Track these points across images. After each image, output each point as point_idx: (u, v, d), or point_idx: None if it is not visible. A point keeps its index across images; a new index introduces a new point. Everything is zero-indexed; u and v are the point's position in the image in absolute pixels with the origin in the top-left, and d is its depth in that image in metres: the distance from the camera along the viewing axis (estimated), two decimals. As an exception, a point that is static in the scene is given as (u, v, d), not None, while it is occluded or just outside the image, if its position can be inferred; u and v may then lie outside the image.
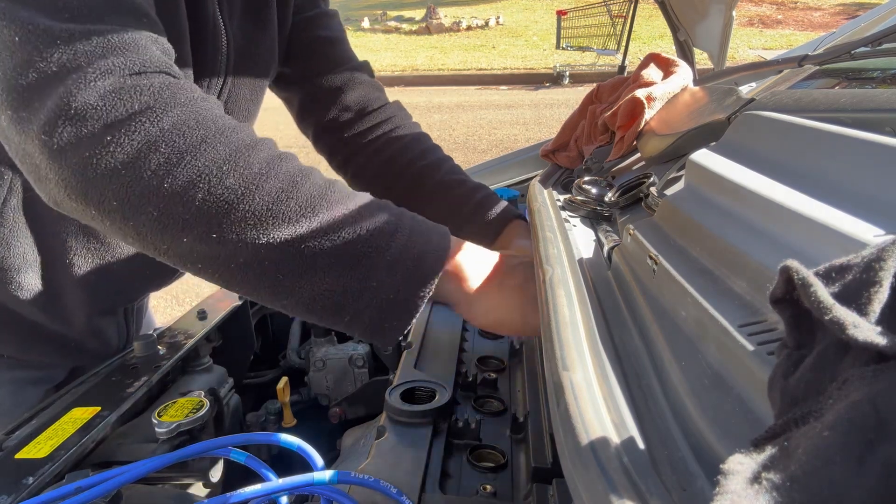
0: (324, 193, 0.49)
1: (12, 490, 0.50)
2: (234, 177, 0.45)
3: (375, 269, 0.49)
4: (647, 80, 0.90)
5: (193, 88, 0.48)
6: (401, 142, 0.89)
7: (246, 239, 0.46)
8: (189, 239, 0.45)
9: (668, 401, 0.34)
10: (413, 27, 12.31)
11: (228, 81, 0.74)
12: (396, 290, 0.50)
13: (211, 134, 0.45)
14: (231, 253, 0.46)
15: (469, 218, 0.81)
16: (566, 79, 8.05)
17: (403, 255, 0.50)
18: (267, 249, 0.46)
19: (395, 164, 0.87)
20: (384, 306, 0.50)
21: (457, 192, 0.84)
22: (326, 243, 0.48)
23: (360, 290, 0.49)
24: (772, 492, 0.17)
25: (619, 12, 7.06)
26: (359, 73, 0.91)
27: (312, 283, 0.48)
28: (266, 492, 0.47)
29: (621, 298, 0.48)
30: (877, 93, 0.59)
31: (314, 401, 0.90)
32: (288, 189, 0.47)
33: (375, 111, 0.90)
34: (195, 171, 0.44)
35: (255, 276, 0.48)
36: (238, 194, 0.45)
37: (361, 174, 0.91)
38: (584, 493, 0.28)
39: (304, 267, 0.48)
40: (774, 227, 0.36)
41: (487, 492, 0.52)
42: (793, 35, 9.52)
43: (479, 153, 4.98)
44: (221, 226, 0.45)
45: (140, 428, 0.61)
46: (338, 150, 0.92)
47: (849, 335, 0.18)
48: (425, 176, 0.86)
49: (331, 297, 0.49)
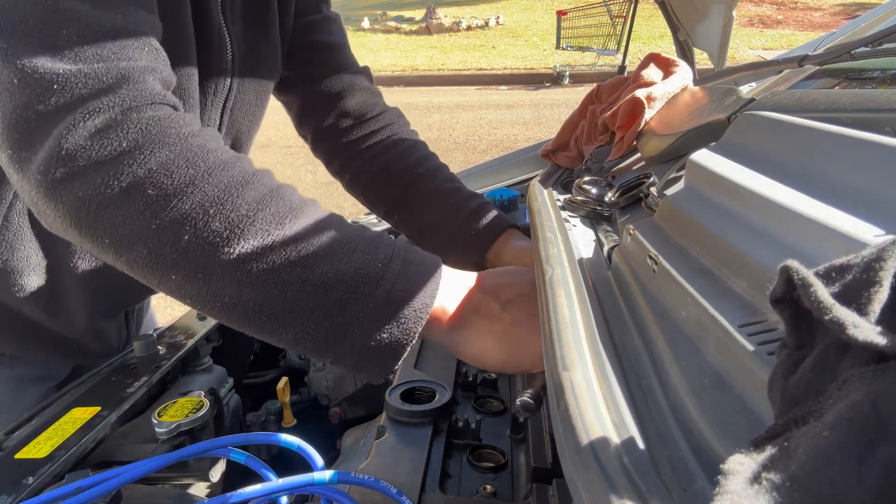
0: (312, 235, 0.48)
1: (12, 490, 0.50)
2: (219, 220, 0.45)
3: (357, 317, 0.48)
4: (647, 80, 0.90)
5: (187, 122, 0.48)
6: (397, 148, 0.89)
7: (230, 280, 0.46)
8: (177, 277, 0.46)
9: (668, 401, 0.34)
10: (413, 27, 12.32)
11: (234, 87, 0.74)
12: (379, 337, 0.49)
13: (200, 174, 0.45)
14: (217, 292, 0.47)
15: (464, 225, 0.81)
16: (566, 79, 8.06)
17: (388, 302, 0.49)
18: (251, 291, 0.46)
19: (391, 171, 0.87)
20: (366, 351, 0.49)
21: (452, 199, 0.84)
22: (309, 288, 0.47)
23: (342, 335, 0.48)
24: (772, 492, 0.17)
25: (619, 12, 7.06)
26: (359, 78, 0.91)
27: (295, 325, 0.48)
28: (266, 492, 0.47)
29: (621, 298, 0.48)
30: (877, 93, 0.59)
31: (314, 401, 0.90)
32: (274, 232, 0.46)
33: (374, 118, 0.90)
34: (181, 214, 0.44)
35: (240, 316, 0.48)
36: (223, 237, 0.45)
37: (358, 180, 0.91)
38: (584, 493, 0.28)
39: (286, 310, 0.47)
40: (774, 227, 0.36)
41: (487, 492, 0.53)
42: (793, 35, 9.52)
43: (479, 153, 4.98)
44: (206, 267, 0.45)
45: (140, 428, 0.61)
46: (335, 155, 0.92)
47: (849, 335, 0.18)
48: (421, 183, 0.86)
49: (314, 340, 0.48)
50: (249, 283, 0.46)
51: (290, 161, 4.96)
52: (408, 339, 0.49)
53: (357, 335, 0.48)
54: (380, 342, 0.49)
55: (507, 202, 1.12)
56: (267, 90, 0.83)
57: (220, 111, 0.75)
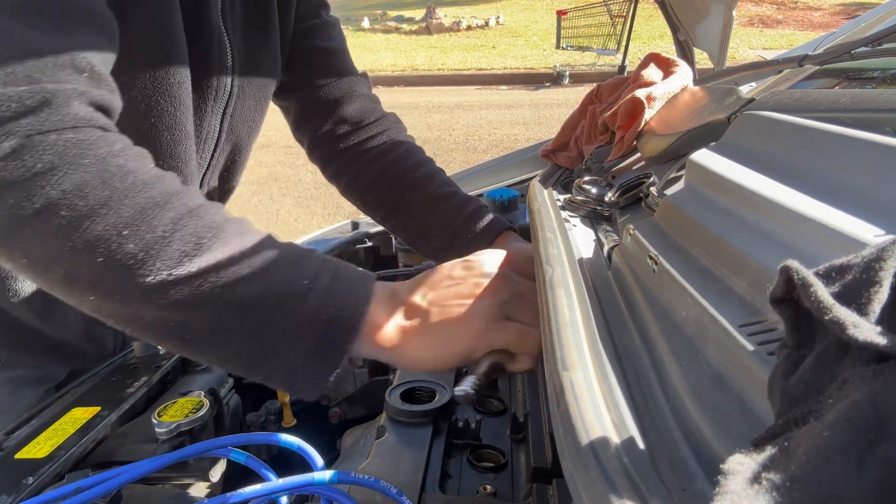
0: (232, 255, 0.46)
1: (12, 490, 0.50)
2: (134, 242, 0.44)
3: (283, 335, 0.47)
4: (647, 80, 0.90)
5: (111, 142, 0.46)
6: (394, 153, 0.89)
7: (147, 302, 0.45)
8: (95, 298, 0.46)
9: (668, 401, 0.34)
10: (413, 27, 12.31)
11: (234, 93, 0.74)
12: (307, 355, 0.48)
13: (115, 195, 0.44)
14: (136, 314, 0.46)
15: (461, 228, 0.81)
16: (566, 79, 8.06)
17: (314, 321, 0.48)
18: (170, 312, 0.45)
19: (387, 175, 0.87)
20: (295, 370, 0.48)
21: (449, 203, 0.84)
22: (231, 308, 0.46)
23: (269, 354, 0.47)
24: (772, 492, 0.17)
25: (619, 12, 7.06)
26: (357, 84, 0.91)
27: (220, 345, 0.47)
28: (266, 492, 0.47)
29: (621, 298, 0.48)
30: (877, 93, 0.59)
31: (314, 401, 0.90)
32: (192, 253, 0.45)
33: (371, 123, 0.90)
34: (95, 236, 0.43)
35: (164, 336, 0.47)
36: (138, 260, 0.44)
37: (354, 185, 0.91)
38: (584, 493, 0.28)
39: (209, 330, 0.46)
40: (774, 227, 0.36)
41: (487, 492, 0.53)
42: (793, 35, 9.52)
43: (479, 153, 4.98)
44: (123, 289, 0.45)
45: (140, 428, 0.61)
46: (331, 160, 0.92)
47: (849, 335, 0.18)
48: (417, 188, 0.86)
49: (240, 359, 0.48)
50: (168, 305, 0.45)
51: (291, 161, 4.96)
52: (337, 356, 0.48)
53: (284, 354, 0.47)
54: (308, 361, 0.48)
55: (507, 202, 1.12)
56: (267, 95, 0.83)
57: (221, 116, 0.75)
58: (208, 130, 0.74)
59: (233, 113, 0.76)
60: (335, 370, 0.48)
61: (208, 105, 0.72)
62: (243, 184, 4.32)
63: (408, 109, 6.53)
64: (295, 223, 3.79)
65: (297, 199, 4.17)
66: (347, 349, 0.49)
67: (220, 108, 0.74)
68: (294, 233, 3.56)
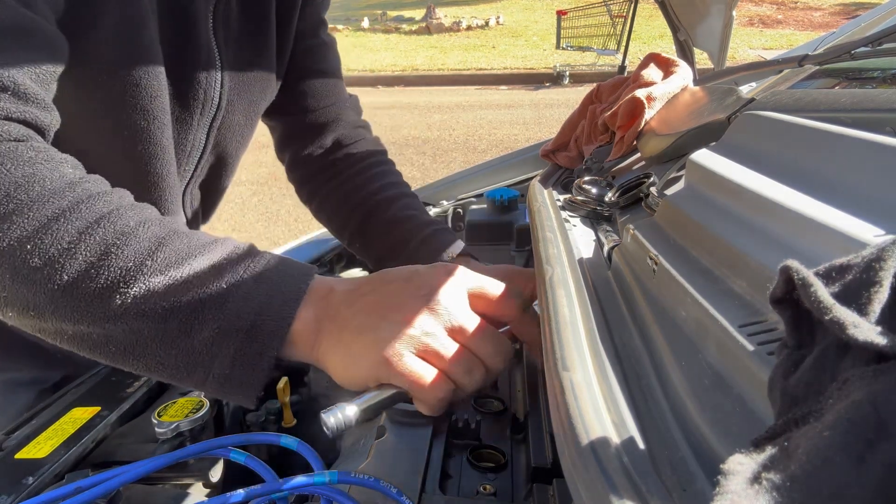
0: (142, 261, 0.44)
1: (12, 490, 0.50)
2: (38, 256, 0.42)
3: (205, 343, 0.45)
4: (647, 80, 0.90)
5: (20, 153, 0.44)
6: (361, 177, 0.88)
7: (62, 317, 0.43)
8: (12, 314, 0.44)
9: (668, 401, 0.34)
10: (413, 27, 12.31)
11: (223, 108, 0.72)
12: (234, 363, 0.45)
13: (19, 208, 0.42)
14: (56, 328, 0.45)
15: (414, 253, 0.79)
16: (566, 79, 8.06)
17: (236, 326, 0.45)
18: (87, 326, 0.44)
19: (351, 199, 0.87)
20: (224, 379, 0.46)
21: (405, 227, 0.82)
22: (148, 318, 0.44)
23: (193, 363, 0.45)
24: (772, 492, 0.17)
25: (619, 12, 7.06)
26: (345, 112, 0.90)
27: (144, 355, 0.45)
28: (266, 492, 0.47)
29: (621, 298, 0.48)
30: (877, 93, 0.59)
31: (314, 401, 0.90)
32: (98, 264, 0.43)
33: (346, 147, 0.90)
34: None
35: (89, 349, 0.46)
36: (44, 275, 0.42)
37: (323, 208, 0.91)
38: (584, 493, 0.28)
39: (130, 341, 0.45)
40: (774, 227, 0.36)
41: (487, 492, 0.52)
42: (793, 35, 9.52)
43: (479, 153, 4.98)
44: (35, 305, 0.43)
45: (140, 428, 0.61)
46: (306, 183, 0.92)
47: (849, 335, 0.18)
48: (378, 212, 0.84)
49: (166, 369, 0.46)
50: (82, 318, 0.43)
51: (290, 161, 4.96)
52: (264, 362, 0.46)
53: (209, 362, 0.45)
54: (235, 370, 0.46)
55: (507, 202, 1.12)
56: (257, 112, 0.81)
57: (207, 130, 0.73)
58: (193, 143, 0.73)
59: (220, 126, 0.75)
60: (265, 376, 0.46)
61: (194, 118, 0.70)
62: (243, 184, 4.33)
63: (408, 109, 6.53)
64: (295, 223, 3.79)
65: (296, 199, 4.16)
66: (274, 356, 0.46)
67: (206, 122, 0.72)
68: (294, 233, 3.57)
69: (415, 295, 0.49)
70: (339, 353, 0.48)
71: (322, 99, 0.88)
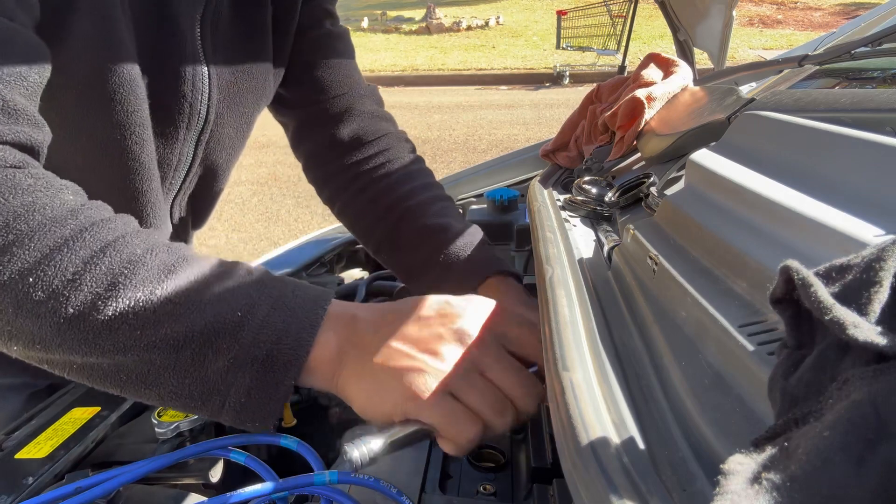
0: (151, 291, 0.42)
1: (12, 490, 0.50)
2: (41, 290, 0.40)
3: (220, 373, 0.43)
4: (647, 80, 0.90)
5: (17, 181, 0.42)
6: (388, 179, 0.79)
7: (69, 349, 0.42)
8: (18, 348, 0.43)
9: (668, 401, 0.34)
10: (413, 27, 12.32)
11: (211, 121, 0.68)
12: (247, 394, 0.44)
13: (22, 237, 0.41)
14: (64, 360, 0.44)
15: (448, 269, 0.72)
16: (566, 79, 8.06)
17: (250, 356, 0.44)
18: (97, 357, 0.42)
19: (378, 205, 0.79)
20: (240, 407, 0.45)
21: (439, 238, 0.73)
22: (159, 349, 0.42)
23: (208, 392, 0.44)
24: (772, 492, 0.17)
25: (619, 12, 7.06)
26: (359, 102, 0.82)
27: (156, 385, 0.44)
28: (266, 492, 0.47)
29: (621, 298, 0.48)
30: (877, 93, 0.59)
31: (314, 401, 0.90)
32: (105, 295, 0.41)
33: (369, 143, 0.81)
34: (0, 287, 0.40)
35: (99, 379, 0.44)
36: (49, 307, 0.41)
37: (346, 212, 0.83)
38: (584, 493, 0.28)
39: (143, 371, 0.43)
40: (774, 227, 0.36)
41: (487, 492, 0.52)
42: (793, 35, 9.52)
43: (479, 153, 4.98)
44: (41, 338, 0.42)
45: (140, 428, 0.61)
46: (325, 183, 0.84)
47: (849, 335, 0.18)
48: (408, 219, 0.76)
49: (180, 398, 0.45)
50: (91, 350, 0.42)
51: (291, 161, 4.95)
52: (281, 392, 0.44)
53: (224, 391, 0.44)
54: (251, 399, 0.44)
55: (507, 202, 1.12)
56: (249, 122, 0.76)
57: (195, 144, 0.69)
58: (180, 158, 0.68)
59: (209, 140, 0.70)
60: (281, 405, 0.45)
61: (179, 133, 0.66)
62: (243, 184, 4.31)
63: (408, 109, 6.54)
64: (295, 223, 3.79)
65: (297, 199, 4.17)
66: (291, 385, 0.45)
67: (193, 137, 0.68)
68: (294, 233, 3.57)
69: (448, 330, 0.48)
70: (364, 383, 0.46)
71: (331, 89, 0.80)
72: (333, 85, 0.81)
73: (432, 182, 0.81)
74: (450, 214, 0.77)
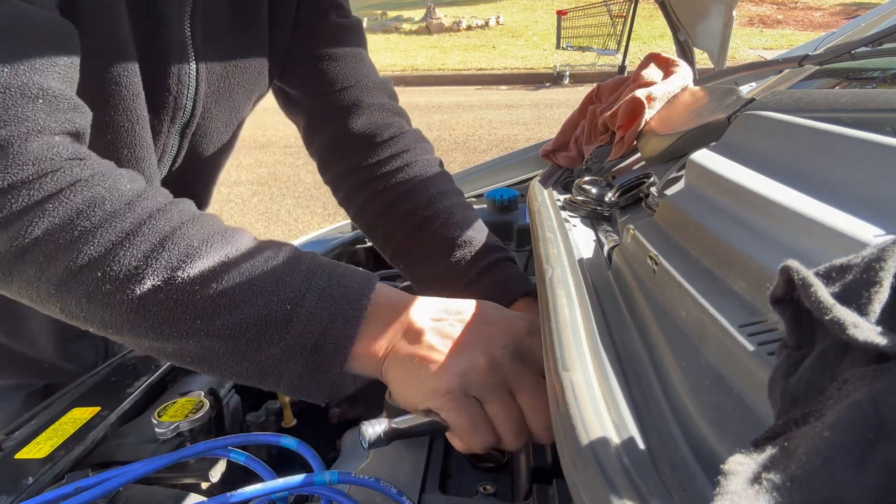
0: (209, 282, 0.45)
1: (12, 490, 0.50)
2: (108, 282, 0.43)
3: (274, 360, 0.47)
4: (647, 80, 0.90)
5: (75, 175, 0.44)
6: (407, 184, 0.75)
7: (138, 333, 0.46)
8: (95, 328, 0.46)
9: (668, 401, 0.34)
10: (413, 27, 12.31)
11: (196, 115, 0.66)
12: (299, 378, 0.47)
13: (86, 233, 0.43)
14: (134, 342, 0.47)
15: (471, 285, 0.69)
16: (566, 79, 8.06)
17: (300, 346, 0.46)
18: (161, 342, 0.46)
19: (396, 211, 0.74)
20: (294, 388, 0.48)
21: (461, 252, 0.69)
22: (217, 337, 0.46)
23: (265, 374, 0.48)
24: (772, 492, 0.17)
25: (620, 12, 7.06)
26: (368, 94, 0.78)
27: (218, 366, 0.47)
28: (266, 492, 0.47)
29: (621, 298, 0.48)
30: (877, 93, 0.59)
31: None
32: (165, 288, 0.44)
33: (385, 143, 0.76)
34: (70, 278, 0.43)
35: (167, 358, 0.49)
36: (116, 298, 0.44)
37: (362, 216, 0.79)
38: (584, 493, 0.28)
39: (203, 355, 0.47)
40: (774, 227, 0.36)
41: (487, 492, 0.52)
42: (793, 35, 9.52)
43: (479, 153, 4.98)
44: (113, 323, 0.45)
45: (140, 428, 0.61)
46: (340, 184, 0.80)
47: (849, 335, 0.18)
48: (427, 229, 0.72)
49: (241, 377, 0.48)
50: (157, 336, 0.45)
51: (291, 161, 4.96)
52: (329, 377, 0.47)
53: (278, 374, 0.47)
54: (303, 382, 0.47)
55: (507, 202, 1.12)
56: (240, 116, 0.74)
57: (179, 136, 0.67)
58: (164, 149, 0.67)
59: (194, 133, 0.68)
60: (328, 390, 0.48)
61: (164, 124, 0.65)
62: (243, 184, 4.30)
63: (408, 109, 6.48)
64: (295, 223, 3.79)
65: (297, 199, 4.17)
66: (338, 371, 0.47)
67: (177, 129, 0.66)
68: (294, 233, 3.57)
69: (492, 341, 0.49)
70: (403, 369, 0.48)
71: (337, 81, 0.76)
72: (339, 77, 0.77)
73: (449, 189, 0.76)
74: (472, 226, 0.72)
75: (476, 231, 0.72)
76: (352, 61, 0.78)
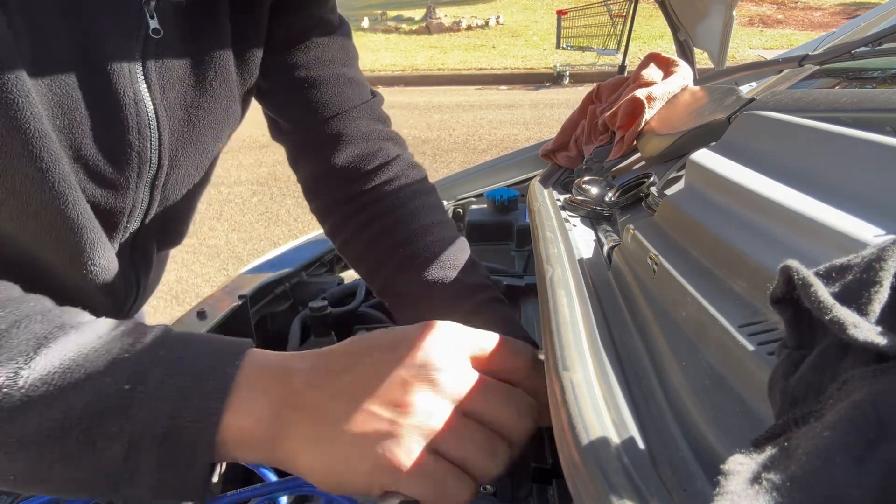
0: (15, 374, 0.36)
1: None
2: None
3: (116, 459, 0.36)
4: (647, 79, 0.90)
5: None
6: (391, 216, 0.69)
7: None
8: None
9: (668, 401, 0.34)
10: (413, 27, 12.32)
11: (164, 165, 0.59)
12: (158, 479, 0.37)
13: None
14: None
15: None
16: (566, 79, 8.06)
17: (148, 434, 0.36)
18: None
19: (378, 247, 0.69)
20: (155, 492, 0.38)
21: (447, 293, 0.64)
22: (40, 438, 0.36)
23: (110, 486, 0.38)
24: (772, 492, 0.17)
25: (620, 12, 7.06)
26: (355, 124, 0.72)
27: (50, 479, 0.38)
28: (266, 492, 0.47)
29: (621, 298, 0.48)
30: (877, 93, 0.59)
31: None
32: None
33: (369, 174, 0.71)
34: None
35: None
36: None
37: (347, 250, 0.74)
38: (584, 493, 0.28)
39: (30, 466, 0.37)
40: (774, 227, 0.36)
41: (487, 492, 0.52)
42: (793, 35, 9.52)
43: (479, 153, 4.98)
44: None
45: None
46: (325, 216, 0.75)
47: (849, 335, 0.18)
48: (411, 266, 0.66)
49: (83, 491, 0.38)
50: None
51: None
52: (195, 473, 0.37)
53: (128, 479, 0.37)
54: (163, 482, 0.37)
55: (507, 202, 1.12)
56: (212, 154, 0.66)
57: (150, 188, 0.60)
58: (134, 204, 0.59)
59: (164, 183, 0.61)
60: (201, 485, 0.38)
61: (130, 181, 0.57)
62: (243, 184, 4.29)
63: (408, 109, 6.54)
64: (295, 223, 3.79)
65: (297, 199, 4.17)
66: (207, 464, 0.37)
67: (146, 183, 0.59)
68: (294, 233, 3.57)
69: (406, 366, 0.39)
70: (320, 454, 0.38)
71: (321, 110, 0.71)
72: (322, 105, 0.71)
73: (439, 221, 0.70)
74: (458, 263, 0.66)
75: (459, 272, 0.66)
76: (336, 85, 0.71)
